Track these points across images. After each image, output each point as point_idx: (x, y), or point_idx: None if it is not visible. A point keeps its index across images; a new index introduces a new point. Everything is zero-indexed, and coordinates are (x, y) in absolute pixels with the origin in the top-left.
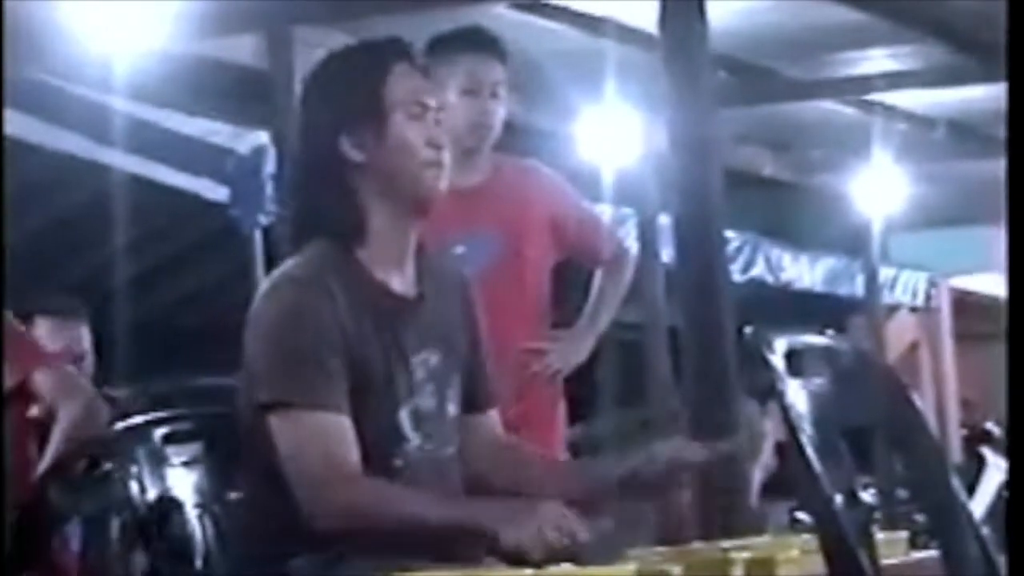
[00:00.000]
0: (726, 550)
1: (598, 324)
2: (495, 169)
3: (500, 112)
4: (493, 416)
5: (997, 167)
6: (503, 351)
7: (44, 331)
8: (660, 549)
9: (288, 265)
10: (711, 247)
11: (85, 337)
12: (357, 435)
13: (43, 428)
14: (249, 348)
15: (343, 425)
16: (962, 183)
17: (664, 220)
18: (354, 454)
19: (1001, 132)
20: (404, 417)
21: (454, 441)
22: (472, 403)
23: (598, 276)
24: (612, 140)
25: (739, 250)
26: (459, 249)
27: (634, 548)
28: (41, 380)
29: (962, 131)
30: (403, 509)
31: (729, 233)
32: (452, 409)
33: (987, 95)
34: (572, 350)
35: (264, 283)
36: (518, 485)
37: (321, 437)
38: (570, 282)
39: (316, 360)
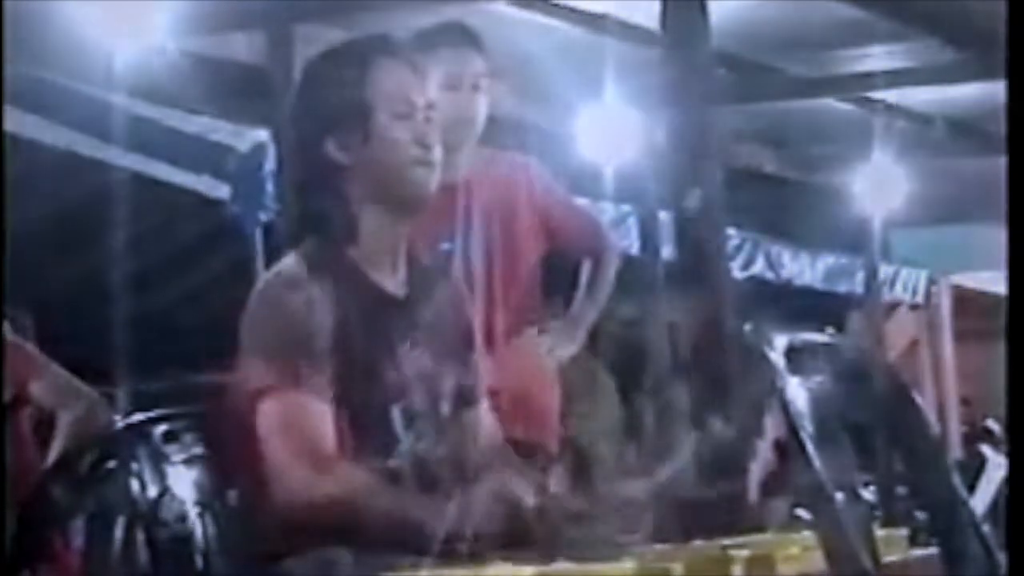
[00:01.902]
0: (726, 547)
1: (586, 316)
2: (482, 163)
3: (483, 105)
4: (484, 411)
5: (997, 164)
6: (495, 343)
7: None
8: (660, 547)
9: (282, 263)
10: (711, 244)
11: None
12: (349, 432)
13: (46, 430)
14: (244, 343)
15: (324, 411)
16: (962, 180)
17: (664, 217)
18: (330, 439)
19: (1001, 129)
20: (395, 416)
21: (447, 441)
22: (463, 401)
23: (585, 268)
24: (613, 137)
25: (739, 247)
26: (447, 245)
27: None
28: (39, 388)
29: (962, 128)
30: (364, 499)
31: (729, 230)
32: (445, 409)
33: (987, 92)
34: (562, 341)
35: (258, 281)
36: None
37: (300, 417)
38: (557, 275)
39: (306, 348)
